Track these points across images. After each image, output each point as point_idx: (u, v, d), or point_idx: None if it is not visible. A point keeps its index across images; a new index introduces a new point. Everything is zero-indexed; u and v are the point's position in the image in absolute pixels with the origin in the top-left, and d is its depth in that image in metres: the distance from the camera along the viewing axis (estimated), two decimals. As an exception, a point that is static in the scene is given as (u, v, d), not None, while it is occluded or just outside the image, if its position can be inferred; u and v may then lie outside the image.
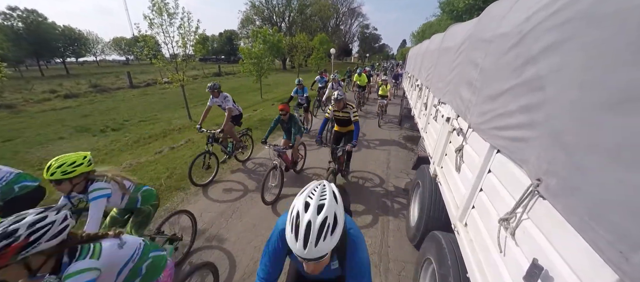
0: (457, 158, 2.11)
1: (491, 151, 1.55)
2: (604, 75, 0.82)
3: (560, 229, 0.92)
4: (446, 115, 2.69)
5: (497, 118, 1.50)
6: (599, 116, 0.81)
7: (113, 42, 67.22)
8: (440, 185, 2.47)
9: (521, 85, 1.29)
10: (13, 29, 30.55)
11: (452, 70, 2.78)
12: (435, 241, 2.05)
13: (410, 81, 7.92)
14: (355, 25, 63.28)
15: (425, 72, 4.76)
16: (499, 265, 1.25)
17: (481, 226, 1.53)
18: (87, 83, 17.40)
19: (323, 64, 21.25)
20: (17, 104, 11.60)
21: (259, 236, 3.13)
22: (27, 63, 42.25)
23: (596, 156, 0.80)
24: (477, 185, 1.66)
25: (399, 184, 4.47)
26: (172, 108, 10.70)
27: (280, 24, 43.57)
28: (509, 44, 1.47)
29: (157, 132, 7.48)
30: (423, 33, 33.05)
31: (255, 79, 12.47)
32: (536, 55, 1.20)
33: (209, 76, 25.91)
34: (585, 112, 0.87)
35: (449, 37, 3.43)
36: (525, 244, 1.09)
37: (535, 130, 1.13)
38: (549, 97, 1.07)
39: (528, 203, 1.10)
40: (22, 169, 5.04)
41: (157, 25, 7.31)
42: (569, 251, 0.87)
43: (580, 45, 0.95)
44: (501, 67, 1.55)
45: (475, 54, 2.09)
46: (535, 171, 1.07)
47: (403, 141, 6.81)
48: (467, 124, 2.01)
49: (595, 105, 0.84)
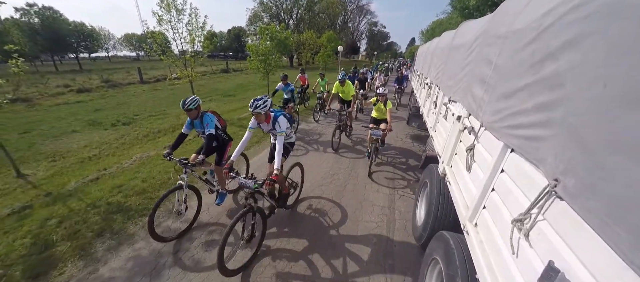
0: (467, 157, 2.07)
1: (505, 150, 1.52)
2: (628, 70, 0.78)
3: (578, 230, 0.89)
4: (457, 114, 2.63)
5: (511, 116, 1.46)
6: (622, 113, 0.78)
7: (124, 38, 68.54)
8: (449, 184, 2.43)
9: (538, 83, 1.25)
10: (30, 25, 31.48)
11: (463, 68, 2.72)
12: (442, 240, 2.02)
13: (419, 80, 7.80)
14: (364, 23, 62.73)
15: (435, 70, 4.68)
16: (511, 267, 1.22)
17: (492, 227, 1.50)
18: (99, 78, 17.82)
19: (330, 61, 21.16)
20: (33, 98, 11.98)
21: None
22: (42, 58, 43.53)
23: (618, 154, 0.77)
24: (489, 185, 1.63)
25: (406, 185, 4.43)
26: (181, 104, 10.86)
27: (288, 21, 43.53)
28: (526, 40, 1.43)
29: (166, 127, 7.61)
30: (433, 31, 32.46)
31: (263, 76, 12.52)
32: (555, 51, 1.16)
33: (217, 73, 26.18)
34: (607, 110, 0.84)
35: (461, 34, 3.36)
36: (540, 245, 1.06)
37: (553, 129, 1.09)
38: (568, 94, 1.04)
39: (544, 204, 1.07)
40: (37, 161, 5.18)
41: (165, 21, 7.41)
42: (588, 253, 0.84)
43: (602, 40, 0.91)
44: (517, 64, 1.50)
45: (489, 50, 2.03)
46: (552, 170, 1.04)
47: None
48: (479, 123, 1.96)
49: (617, 102, 0.80)
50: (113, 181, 4.26)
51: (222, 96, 13.38)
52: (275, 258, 2.76)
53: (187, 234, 3.05)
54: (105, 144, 6.27)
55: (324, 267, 2.68)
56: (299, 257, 2.78)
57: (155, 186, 4.07)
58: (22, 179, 4.40)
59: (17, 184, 4.23)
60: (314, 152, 5.64)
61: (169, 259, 2.69)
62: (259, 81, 13.65)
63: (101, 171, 4.63)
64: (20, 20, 30.85)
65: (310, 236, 3.10)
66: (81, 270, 2.56)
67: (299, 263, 2.71)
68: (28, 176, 4.51)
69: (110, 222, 3.21)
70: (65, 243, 2.87)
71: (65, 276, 2.49)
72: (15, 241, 2.88)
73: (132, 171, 4.61)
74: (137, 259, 2.68)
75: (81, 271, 2.54)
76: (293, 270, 2.62)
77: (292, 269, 2.64)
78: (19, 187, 4.12)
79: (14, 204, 3.57)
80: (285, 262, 2.71)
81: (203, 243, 2.93)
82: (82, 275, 2.50)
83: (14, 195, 3.90)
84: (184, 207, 3.04)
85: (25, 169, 4.74)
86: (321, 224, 3.31)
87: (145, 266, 2.61)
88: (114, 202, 3.61)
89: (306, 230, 3.20)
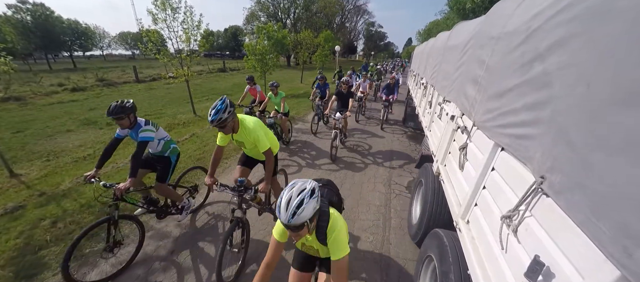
0: (460, 156, 2.10)
1: (495, 148, 1.55)
2: (613, 71, 0.81)
3: (562, 226, 0.92)
4: (451, 114, 2.67)
5: (502, 116, 1.49)
6: (607, 113, 0.81)
7: (119, 36, 67.76)
8: (443, 183, 2.47)
9: (527, 83, 1.28)
10: (22, 22, 30.96)
11: (457, 68, 2.76)
12: (437, 238, 2.06)
13: (415, 79, 7.86)
14: (361, 23, 62.83)
15: (431, 70, 4.73)
16: (500, 262, 1.26)
17: (483, 223, 1.53)
18: (93, 77, 17.59)
19: (328, 61, 21.15)
20: (26, 97, 11.79)
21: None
22: (36, 56, 42.88)
23: (602, 152, 0.80)
24: (480, 183, 1.66)
25: (402, 182, 4.47)
26: (177, 103, 10.78)
27: (285, 21, 43.44)
28: (516, 42, 1.46)
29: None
30: (429, 31, 32.64)
31: (260, 76, 12.49)
32: (543, 52, 1.19)
33: (214, 71, 26.02)
34: (593, 109, 0.87)
35: (455, 34, 3.40)
36: (527, 240, 1.09)
37: (541, 128, 1.12)
38: (555, 94, 1.07)
39: (531, 200, 1.10)
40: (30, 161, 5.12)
41: (161, 20, 7.36)
42: (571, 248, 0.87)
43: (589, 42, 0.94)
44: (507, 65, 1.54)
45: (482, 51, 2.07)
46: (539, 168, 1.07)
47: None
48: (472, 122, 2.00)
49: (603, 101, 0.83)
50: (108, 180, 4.22)
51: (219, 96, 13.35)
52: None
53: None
54: (100, 143, 6.21)
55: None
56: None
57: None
58: (15, 178, 4.34)
59: (9, 183, 4.17)
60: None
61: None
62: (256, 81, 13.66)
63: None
64: (12, 17, 30.33)
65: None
66: (76, 271, 2.54)
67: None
68: (21, 176, 4.45)
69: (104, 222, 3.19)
70: (59, 244, 2.84)
71: (59, 277, 2.47)
72: (8, 242, 2.85)
73: (126, 171, 4.57)
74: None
75: (76, 272, 2.53)
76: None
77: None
78: (11, 187, 4.07)
79: (7, 204, 3.52)
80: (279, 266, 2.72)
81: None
82: (77, 275, 2.48)
83: (7, 195, 3.85)
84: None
85: (18, 169, 4.68)
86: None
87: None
88: (109, 202, 3.58)
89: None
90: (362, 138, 6.82)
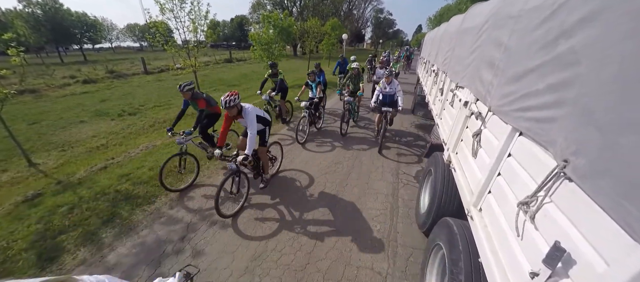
0: (474, 143, 2.04)
1: (513, 133, 1.49)
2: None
3: (586, 210, 0.87)
4: (464, 100, 2.58)
5: (521, 99, 1.42)
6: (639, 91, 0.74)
7: (127, 28, 68.27)
8: (454, 171, 2.42)
9: (551, 62, 1.20)
10: (33, 16, 31.48)
11: (472, 53, 2.65)
12: (446, 226, 2.03)
13: (425, 67, 7.64)
14: (369, 10, 61.20)
15: (443, 57, 4.57)
16: (515, 249, 1.22)
17: (497, 211, 1.49)
18: (103, 69, 17.86)
19: (334, 50, 20.78)
20: (40, 89, 12.11)
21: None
22: (48, 49, 43.75)
23: (633, 134, 0.75)
24: (495, 169, 1.61)
25: (410, 171, 4.42)
26: (185, 94, 10.88)
27: (292, 9, 42.66)
28: (540, 18, 1.37)
29: (172, 117, 7.64)
30: (441, 17, 31.51)
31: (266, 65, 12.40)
32: (570, 28, 1.11)
33: (221, 62, 26.01)
34: (624, 88, 0.80)
35: (470, 17, 3.25)
36: (546, 227, 1.05)
37: (565, 110, 1.06)
38: (582, 73, 1.00)
39: (551, 185, 1.05)
40: (47, 151, 5.28)
41: (168, 10, 7.33)
42: (595, 233, 0.83)
43: (621, 15, 0.86)
44: (529, 44, 1.45)
45: (500, 32, 1.97)
46: (562, 152, 1.01)
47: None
48: (487, 108, 1.92)
49: (635, 80, 0.77)
50: (120, 169, 4.34)
51: (227, 86, 13.35)
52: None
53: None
54: (112, 134, 6.35)
55: (330, 250, 2.72)
56: (304, 244, 2.83)
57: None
58: (34, 167, 4.51)
59: (29, 172, 4.34)
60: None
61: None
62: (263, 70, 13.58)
63: (109, 160, 4.71)
64: (23, 12, 30.86)
65: (316, 224, 3.14)
66: (93, 254, 2.65)
67: (302, 249, 2.76)
68: (39, 165, 4.62)
69: (118, 209, 3.30)
70: (76, 229, 2.96)
71: (78, 260, 2.59)
72: (30, 227, 2.98)
73: (139, 160, 4.68)
74: (143, 246, 2.77)
75: (93, 256, 2.64)
76: (297, 256, 2.68)
77: (296, 255, 2.69)
78: (31, 176, 4.23)
79: (27, 192, 3.67)
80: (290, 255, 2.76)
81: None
82: (94, 259, 2.60)
83: (27, 183, 4.01)
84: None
85: (36, 158, 4.85)
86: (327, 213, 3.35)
87: (151, 251, 2.70)
88: (122, 190, 3.69)
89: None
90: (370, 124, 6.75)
